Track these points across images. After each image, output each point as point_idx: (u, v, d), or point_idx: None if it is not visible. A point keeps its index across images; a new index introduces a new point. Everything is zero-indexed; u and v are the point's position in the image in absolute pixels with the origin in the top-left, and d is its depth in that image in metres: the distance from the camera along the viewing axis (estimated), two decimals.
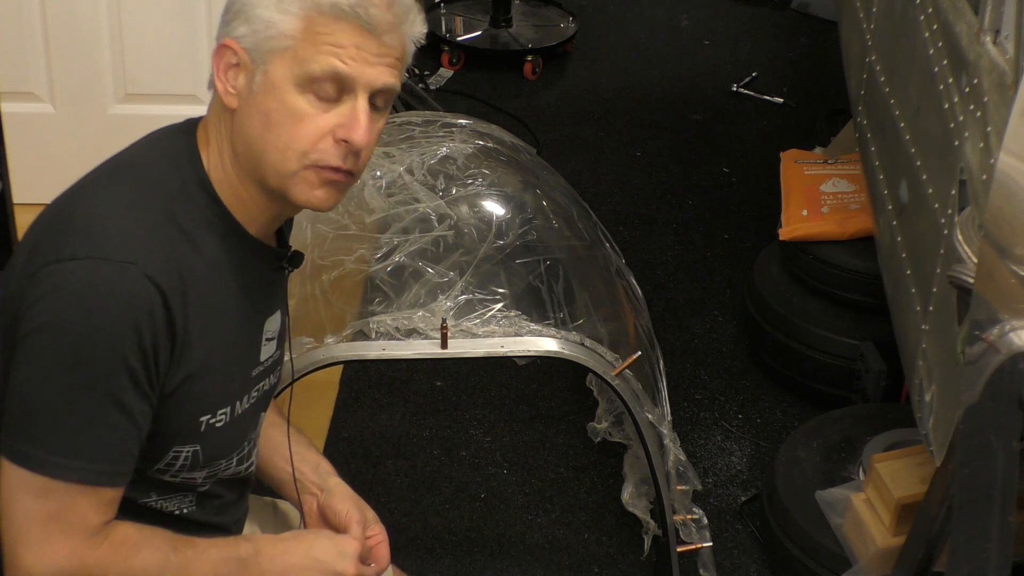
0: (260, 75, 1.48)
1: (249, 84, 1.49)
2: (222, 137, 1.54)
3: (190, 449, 1.57)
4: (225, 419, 1.59)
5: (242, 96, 1.50)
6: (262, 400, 1.69)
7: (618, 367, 2.29)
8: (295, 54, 1.47)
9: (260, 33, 1.48)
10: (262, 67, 1.48)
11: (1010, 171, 1.70)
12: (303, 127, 1.49)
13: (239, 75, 1.50)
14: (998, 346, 1.75)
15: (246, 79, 1.50)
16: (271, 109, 1.49)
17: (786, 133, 4.27)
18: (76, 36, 3.32)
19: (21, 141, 3.11)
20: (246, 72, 1.49)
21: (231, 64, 1.50)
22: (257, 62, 1.49)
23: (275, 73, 1.48)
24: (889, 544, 2.37)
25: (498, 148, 2.56)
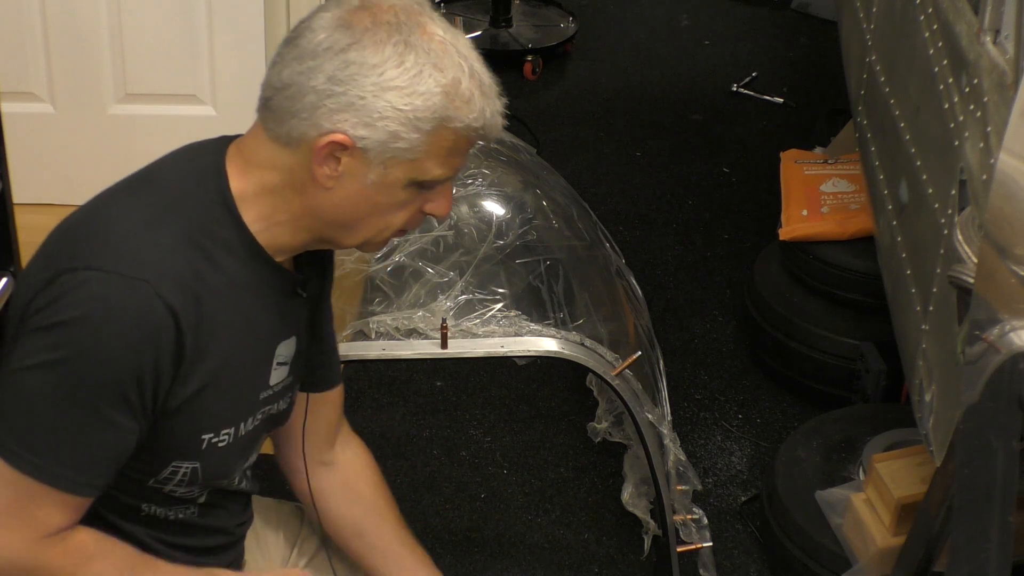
0: (376, 174, 1.47)
1: (360, 177, 1.47)
2: (280, 190, 1.51)
3: (189, 466, 1.56)
4: (228, 439, 1.58)
5: (342, 181, 1.48)
6: (268, 423, 1.68)
7: (618, 367, 2.29)
8: (418, 164, 1.48)
9: (386, 144, 1.45)
10: (380, 168, 1.47)
11: (1010, 171, 1.70)
12: (404, 212, 1.53)
13: (341, 161, 1.47)
14: (998, 346, 1.75)
15: (355, 170, 1.47)
16: (380, 201, 1.50)
17: (786, 133, 4.27)
18: (76, 36, 3.32)
19: (21, 141, 3.11)
20: (358, 165, 1.47)
21: (333, 153, 1.47)
22: (375, 163, 1.47)
23: (394, 175, 1.48)
24: (889, 544, 2.36)
25: (498, 148, 2.56)
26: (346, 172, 1.47)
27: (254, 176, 1.52)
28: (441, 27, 1.48)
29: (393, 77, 1.43)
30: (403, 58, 1.43)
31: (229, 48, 3.31)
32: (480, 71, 1.49)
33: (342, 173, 1.47)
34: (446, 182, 1.54)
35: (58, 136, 3.41)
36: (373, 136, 1.44)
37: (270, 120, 1.49)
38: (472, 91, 1.47)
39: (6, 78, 3.24)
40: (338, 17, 1.45)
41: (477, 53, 1.52)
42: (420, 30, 1.45)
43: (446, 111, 1.45)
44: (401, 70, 1.43)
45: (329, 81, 1.43)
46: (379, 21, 1.44)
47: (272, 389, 1.64)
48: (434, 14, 1.50)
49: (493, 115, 1.51)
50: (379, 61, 1.43)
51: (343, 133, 1.44)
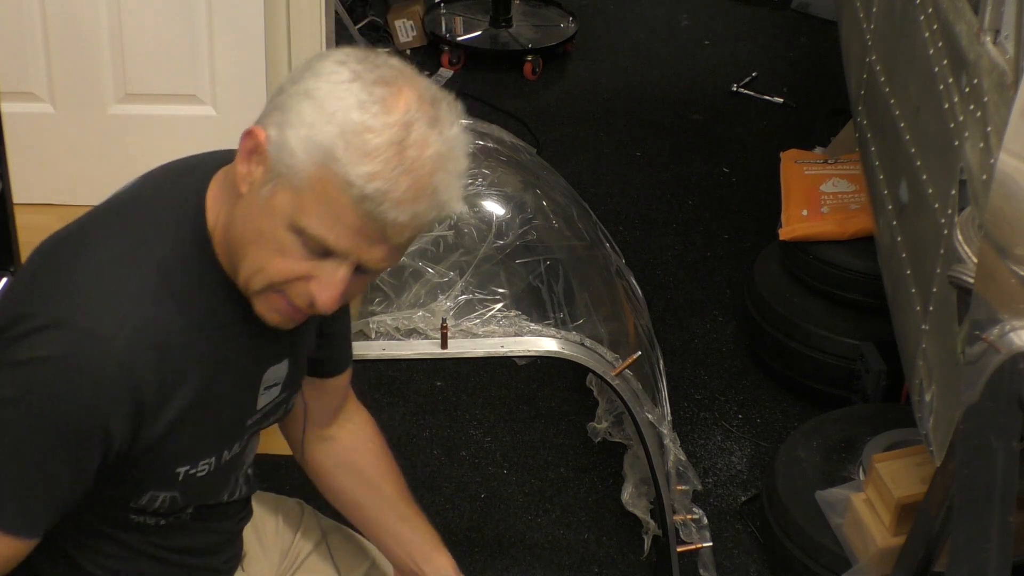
0: (268, 190, 1.37)
1: (260, 187, 1.38)
2: (229, 205, 1.45)
3: (167, 494, 1.53)
4: (209, 468, 1.55)
5: (251, 191, 1.40)
6: (256, 439, 1.66)
7: (618, 367, 2.29)
8: (298, 199, 1.35)
9: (281, 154, 1.35)
10: (271, 184, 1.37)
11: (1010, 171, 1.70)
12: (282, 262, 1.39)
13: (258, 168, 1.39)
14: (998, 346, 1.75)
15: (258, 179, 1.39)
16: (264, 228, 1.38)
17: (786, 133, 4.27)
18: (76, 36, 3.32)
19: (21, 141, 3.11)
20: (261, 173, 1.38)
21: (253, 151, 1.39)
22: (271, 174, 1.37)
23: (278, 199, 1.37)
24: (889, 544, 2.36)
25: (498, 148, 2.56)
26: (254, 179, 1.38)
27: (223, 205, 1.45)
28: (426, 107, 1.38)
29: (317, 88, 1.35)
30: (340, 79, 1.35)
31: (229, 48, 3.31)
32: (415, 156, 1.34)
33: (252, 180, 1.39)
34: (333, 257, 1.38)
35: (58, 136, 3.41)
36: (276, 139, 1.36)
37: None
38: (379, 153, 1.32)
39: (6, 78, 3.24)
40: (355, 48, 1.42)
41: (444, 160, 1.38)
42: (393, 86, 1.36)
43: (335, 149, 1.32)
44: (329, 85, 1.35)
45: (285, 82, 1.39)
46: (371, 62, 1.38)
47: (260, 412, 1.60)
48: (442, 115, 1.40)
49: (393, 198, 1.33)
50: (327, 71, 1.36)
51: (260, 128, 1.38)
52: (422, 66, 4.56)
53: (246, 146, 1.39)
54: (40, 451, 1.39)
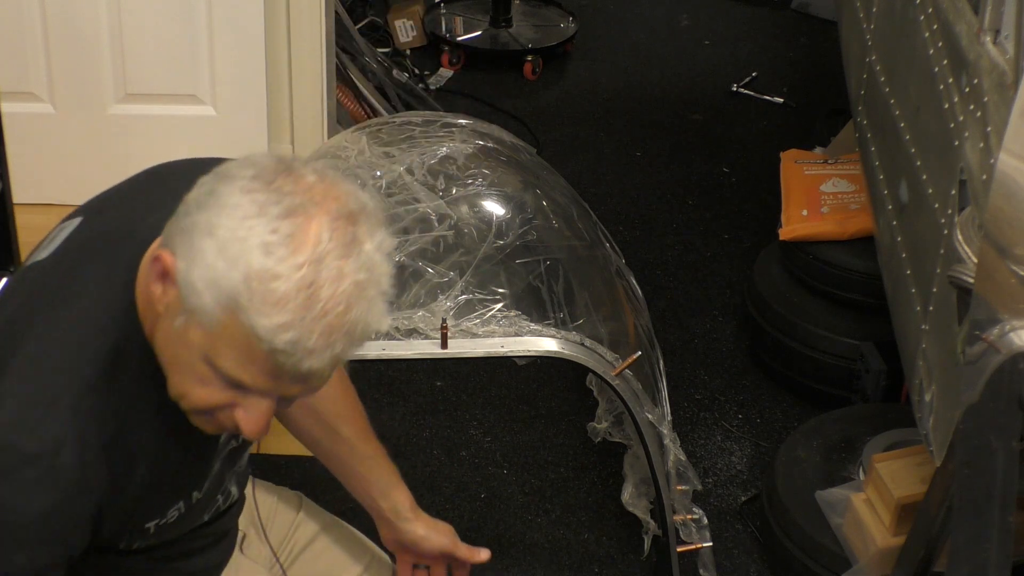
0: (181, 322, 1.29)
1: (173, 315, 1.30)
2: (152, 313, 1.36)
3: (143, 542, 1.51)
4: (178, 513, 1.52)
5: (166, 314, 1.32)
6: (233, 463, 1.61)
7: (618, 367, 2.29)
8: (210, 339, 1.27)
9: (189, 293, 1.27)
10: (183, 317, 1.28)
11: (1010, 171, 1.70)
12: (203, 391, 1.32)
13: (171, 291, 1.30)
14: (998, 346, 1.75)
15: (171, 306, 1.30)
16: (181, 358, 1.32)
17: (786, 133, 4.26)
18: (76, 36, 3.32)
19: (21, 141, 3.11)
20: (172, 301, 1.30)
21: (163, 275, 1.30)
22: (182, 308, 1.28)
23: (192, 334, 1.29)
24: (889, 544, 2.37)
25: (498, 148, 2.56)
26: (168, 302, 1.30)
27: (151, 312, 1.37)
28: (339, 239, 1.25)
29: (220, 225, 1.24)
30: (244, 215, 1.24)
31: (229, 48, 3.31)
32: (326, 297, 1.23)
33: (166, 303, 1.31)
34: (254, 393, 1.31)
35: (58, 136, 3.41)
36: (184, 274, 1.26)
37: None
38: (285, 300, 1.22)
39: (6, 78, 3.24)
40: (267, 161, 1.29)
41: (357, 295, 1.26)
42: (299, 216, 1.25)
43: (239, 296, 1.23)
44: (232, 223, 1.24)
45: (192, 199, 1.29)
46: (276, 182, 1.27)
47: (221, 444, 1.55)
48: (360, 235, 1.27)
49: (297, 344, 1.23)
50: (226, 204, 1.25)
51: (170, 253, 1.28)
52: (422, 66, 4.56)
53: (156, 269, 1.31)
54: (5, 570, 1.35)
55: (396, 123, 2.59)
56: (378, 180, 2.40)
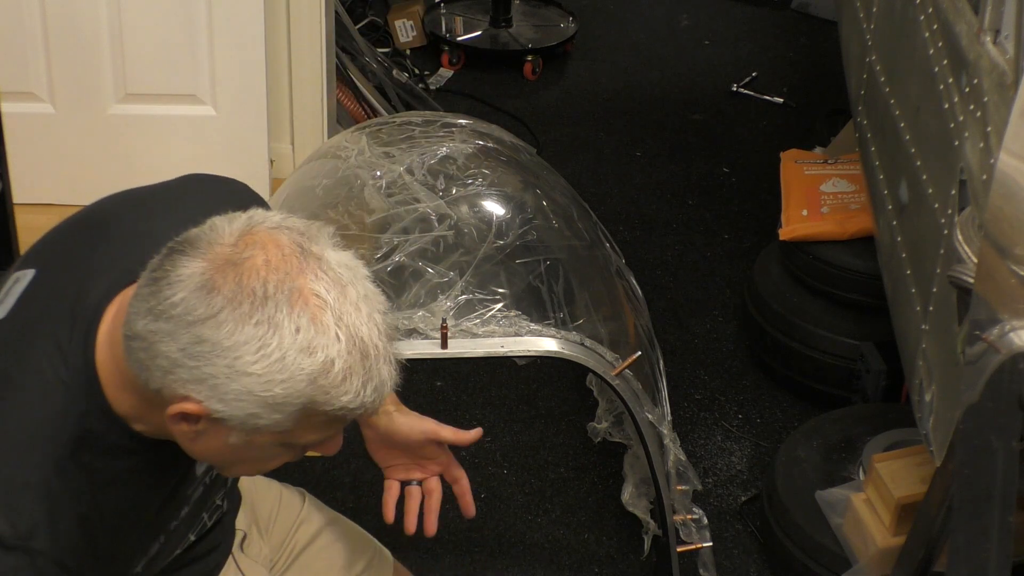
0: (237, 438, 1.31)
1: (221, 437, 1.31)
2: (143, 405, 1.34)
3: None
4: (159, 544, 1.51)
5: (203, 438, 1.32)
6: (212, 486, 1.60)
7: (618, 367, 2.29)
8: (288, 435, 1.31)
9: (245, 420, 1.27)
10: (243, 435, 1.30)
11: (1010, 171, 1.70)
12: (283, 457, 1.38)
13: (201, 424, 1.30)
14: (998, 346, 1.75)
15: (215, 431, 1.31)
16: (250, 456, 1.35)
17: (786, 133, 4.27)
18: (76, 36, 3.32)
19: (21, 141, 3.11)
20: (216, 428, 1.30)
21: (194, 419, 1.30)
22: (236, 430, 1.29)
23: (260, 440, 1.31)
24: (889, 544, 2.37)
25: (498, 148, 2.56)
26: (206, 431, 1.31)
27: (128, 397, 1.35)
28: (326, 282, 1.27)
29: (250, 363, 1.24)
30: (263, 342, 1.24)
31: (229, 48, 3.32)
32: (366, 336, 1.27)
33: (202, 431, 1.31)
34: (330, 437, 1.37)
35: (58, 136, 3.41)
36: (229, 411, 1.27)
37: (128, 355, 1.30)
38: (349, 370, 1.26)
39: (6, 78, 3.24)
40: (201, 273, 1.25)
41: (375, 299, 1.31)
42: (294, 298, 1.25)
43: (313, 396, 1.26)
44: (259, 356, 1.24)
45: (181, 352, 1.25)
46: (245, 288, 1.24)
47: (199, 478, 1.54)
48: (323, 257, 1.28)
49: (378, 387, 1.29)
50: (234, 344, 1.24)
51: (196, 403, 1.27)
52: (422, 66, 4.56)
53: (180, 418, 1.29)
54: None
55: (396, 123, 2.59)
56: (378, 180, 2.40)
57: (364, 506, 2.79)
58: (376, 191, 2.38)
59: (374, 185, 2.39)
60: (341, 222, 2.36)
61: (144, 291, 1.27)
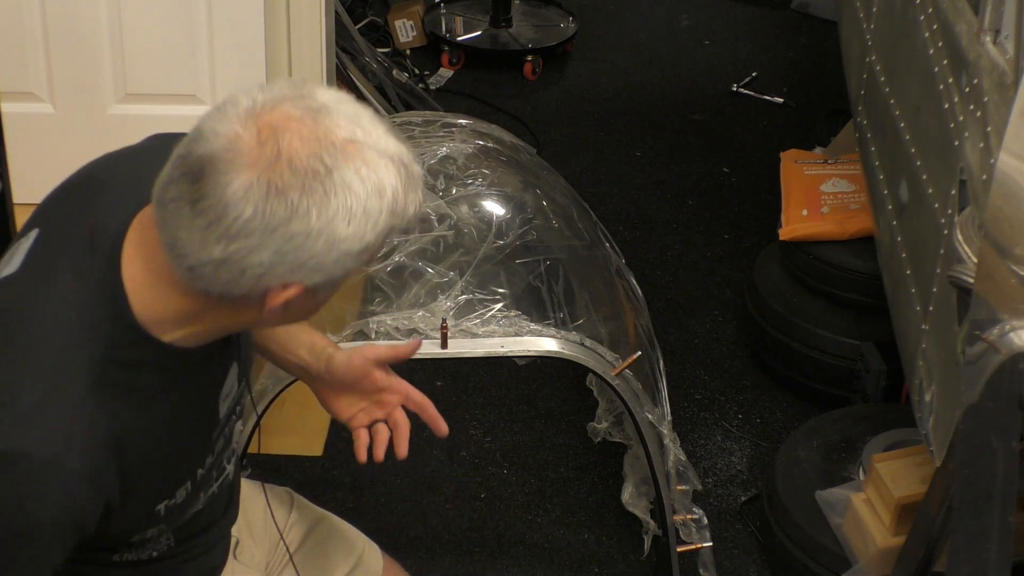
0: (321, 297, 1.40)
1: (306, 303, 1.39)
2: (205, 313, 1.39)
3: (155, 529, 1.52)
4: (187, 492, 1.53)
5: (286, 312, 1.40)
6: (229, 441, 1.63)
7: (618, 367, 2.29)
8: (364, 268, 1.40)
9: (339, 278, 1.36)
10: (327, 291, 1.39)
11: (1010, 171, 1.70)
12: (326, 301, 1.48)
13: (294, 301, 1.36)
14: (998, 346, 1.75)
15: (302, 302, 1.38)
16: (327, 300, 1.44)
17: (786, 133, 4.27)
18: (76, 36, 3.32)
19: (21, 141, 3.11)
20: (305, 298, 1.37)
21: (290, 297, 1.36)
22: (323, 290, 1.38)
23: (331, 289, 1.40)
24: (889, 544, 2.37)
25: (498, 148, 2.56)
26: (294, 303, 1.37)
27: (168, 304, 1.38)
28: (345, 124, 1.31)
29: (343, 230, 1.31)
30: (346, 207, 1.30)
31: (229, 48, 3.31)
32: (395, 149, 1.34)
33: (290, 305, 1.37)
34: None
35: (58, 136, 3.41)
36: (327, 276, 1.34)
37: (196, 280, 1.33)
38: (406, 186, 1.34)
39: (6, 78, 3.24)
40: (255, 182, 1.27)
41: (374, 114, 1.36)
42: (342, 156, 1.30)
43: (391, 224, 1.34)
44: (348, 220, 1.31)
45: (275, 255, 1.30)
46: (303, 172, 1.28)
47: (222, 420, 1.57)
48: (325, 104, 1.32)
49: (417, 198, 1.37)
50: (325, 223, 1.29)
51: (297, 284, 1.33)
52: (422, 66, 4.56)
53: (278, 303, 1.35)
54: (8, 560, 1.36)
55: (396, 123, 2.59)
56: None
57: (364, 506, 2.79)
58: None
59: None
60: None
61: (195, 221, 1.29)
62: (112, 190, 1.47)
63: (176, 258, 1.32)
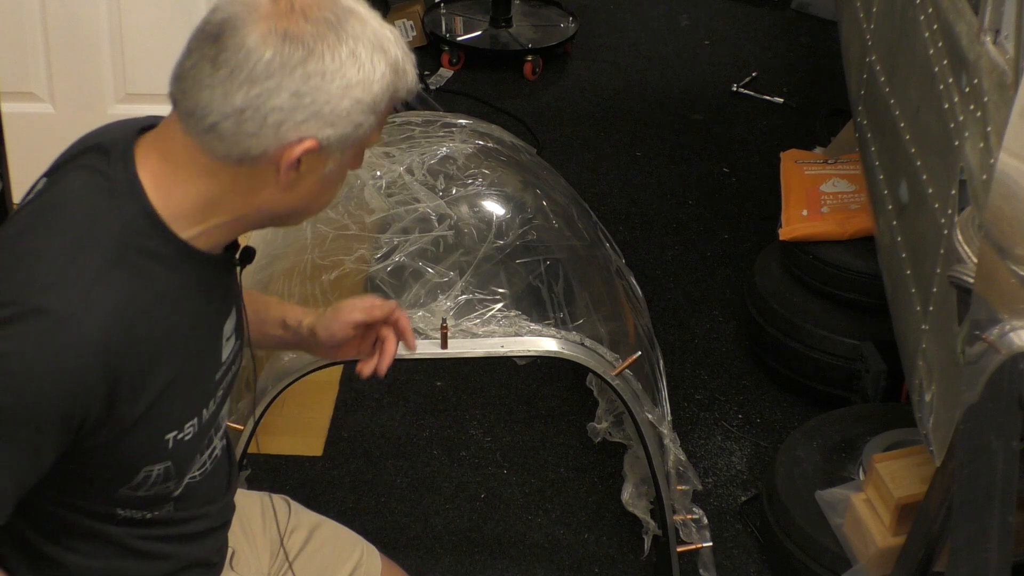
0: (334, 163, 1.47)
1: (320, 169, 1.47)
2: (221, 198, 1.47)
3: (161, 466, 1.54)
4: (193, 430, 1.56)
5: (302, 180, 1.47)
6: (226, 396, 1.67)
7: (618, 367, 2.29)
8: (368, 138, 1.50)
9: (348, 135, 1.45)
10: (338, 156, 1.47)
11: (1010, 171, 1.70)
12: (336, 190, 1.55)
13: (302, 162, 1.45)
14: (998, 346, 1.75)
15: (316, 166, 1.46)
16: (333, 182, 1.51)
17: (786, 133, 4.27)
18: (76, 36, 3.32)
19: (21, 141, 3.11)
20: (318, 160, 1.46)
21: (305, 154, 1.45)
22: (334, 153, 1.46)
23: (347, 156, 1.49)
24: (889, 544, 2.37)
25: (498, 148, 2.56)
26: (307, 171, 1.46)
27: (187, 191, 1.47)
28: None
29: (354, 76, 1.42)
30: (356, 55, 1.43)
31: None
32: (390, 28, 1.49)
33: (303, 172, 1.46)
34: None
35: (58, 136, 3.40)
36: (337, 132, 1.44)
37: (216, 142, 1.43)
38: (401, 55, 1.47)
39: (6, 78, 3.24)
40: (272, 29, 1.40)
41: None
42: (349, 13, 1.44)
43: (395, 84, 1.46)
44: (358, 67, 1.43)
45: (293, 96, 1.41)
46: (316, 21, 1.41)
47: (224, 365, 1.62)
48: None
49: (414, 69, 1.50)
50: (338, 66, 1.42)
51: (311, 139, 1.43)
52: (422, 66, 4.56)
53: (293, 158, 1.44)
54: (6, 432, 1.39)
55: (396, 123, 2.59)
56: (378, 180, 2.40)
57: (364, 506, 2.80)
58: (376, 191, 2.39)
59: (374, 185, 2.40)
60: (341, 222, 2.36)
61: (217, 74, 1.42)
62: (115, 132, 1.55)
63: (198, 122, 1.44)
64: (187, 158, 1.46)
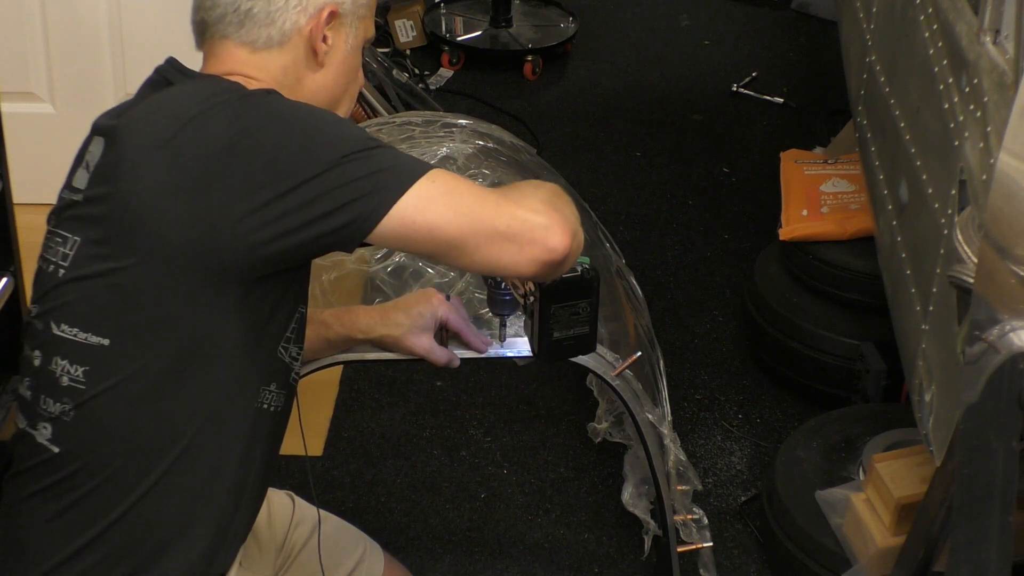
0: (352, 36, 1.68)
1: (342, 45, 1.67)
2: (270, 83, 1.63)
3: (303, 309, 1.66)
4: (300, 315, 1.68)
5: (332, 55, 1.67)
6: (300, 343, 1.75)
7: (618, 367, 2.29)
8: (367, 22, 1.70)
9: (358, 8, 1.67)
10: (354, 28, 1.68)
11: (1010, 171, 1.70)
12: (360, 75, 1.75)
13: (328, 37, 1.65)
14: (998, 346, 1.75)
15: (339, 41, 1.66)
16: (353, 64, 1.70)
17: (786, 133, 4.27)
18: (76, 36, 3.32)
19: (21, 141, 3.11)
20: (339, 35, 1.66)
21: (330, 21, 1.64)
22: (349, 26, 1.67)
23: (357, 36, 1.69)
24: (889, 544, 2.37)
25: (498, 148, 2.56)
26: (333, 45, 1.66)
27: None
28: None
29: None
30: None
31: None
32: None
33: (331, 47, 1.66)
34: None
35: (58, 136, 3.41)
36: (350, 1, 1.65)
37: (252, 30, 1.62)
38: None
39: (6, 78, 3.24)
40: None
41: None
42: None
43: None
44: None
45: None
46: None
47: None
48: None
49: None
50: None
51: (331, 4, 1.63)
52: (422, 66, 4.57)
53: (321, 26, 1.63)
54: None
55: (396, 123, 2.59)
56: None
57: (364, 506, 2.80)
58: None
59: None
60: None
61: None
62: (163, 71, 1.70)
63: (233, 17, 1.62)
64: (240, 63, 1.63)
